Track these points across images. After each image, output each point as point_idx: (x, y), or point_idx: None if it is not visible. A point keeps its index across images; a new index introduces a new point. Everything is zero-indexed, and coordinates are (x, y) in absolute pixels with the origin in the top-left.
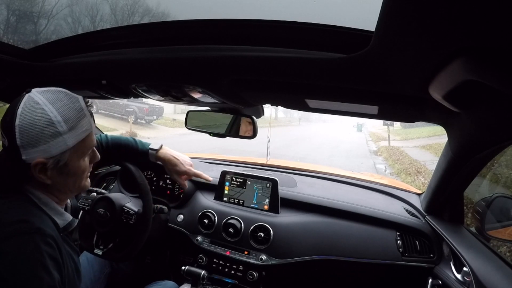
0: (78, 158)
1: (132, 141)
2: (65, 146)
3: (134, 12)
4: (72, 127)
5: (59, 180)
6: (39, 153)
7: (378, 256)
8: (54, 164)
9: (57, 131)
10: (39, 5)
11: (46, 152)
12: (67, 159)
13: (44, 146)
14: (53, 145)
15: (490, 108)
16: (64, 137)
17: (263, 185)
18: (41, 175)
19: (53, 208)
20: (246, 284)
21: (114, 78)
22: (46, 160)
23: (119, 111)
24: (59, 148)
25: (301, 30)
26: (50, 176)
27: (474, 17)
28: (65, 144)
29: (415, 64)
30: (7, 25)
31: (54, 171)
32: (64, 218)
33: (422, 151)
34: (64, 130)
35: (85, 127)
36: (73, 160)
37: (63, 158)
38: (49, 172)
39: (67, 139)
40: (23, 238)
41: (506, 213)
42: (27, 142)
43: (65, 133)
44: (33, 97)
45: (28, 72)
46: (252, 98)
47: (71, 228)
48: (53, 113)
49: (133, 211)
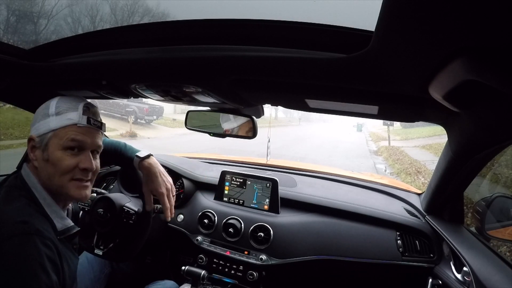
0: (58, 146)
1: (122, 146)
2: (48, 127)
3: (134, 12)
4: (59, 112)
5: (43, 165)
6: (33, 131)
7: (378, 256)
8: (39, 143)
9: (47, 112)
10: (39, 5)
11: (36, 129)
12: (48, 142)
13: (36, 125)
14: (41, 124)
15: (490, 108)
16: (50, 118)
17: (263, 185)
18: (32, 153)
19: (55, 210)
20: (246, 284)
21: (114, 78)
22: (35, 137)
23: (119, 111)
24: (44, 127)
25: (301, 30)
26: (37, 156)
27: (474, 17)
28: (49, 125)
29: (415, 64)
30: (7, 25)
31: (39, 152)
32: (64, 222)
33: (422, 151)
34: (52, 113)
35: (70, 117)
36: (53, 146)
37: (45, 139)
38: (36, 151)
39: (51, 120)
40: (23, 239)
41: (506, 213)
42: (32, 122)
43: (52, 115)
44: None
45: (28, 72)
46: (252, 98)
47: (69, 234)
48: (54, 101)
49: (133, 211)
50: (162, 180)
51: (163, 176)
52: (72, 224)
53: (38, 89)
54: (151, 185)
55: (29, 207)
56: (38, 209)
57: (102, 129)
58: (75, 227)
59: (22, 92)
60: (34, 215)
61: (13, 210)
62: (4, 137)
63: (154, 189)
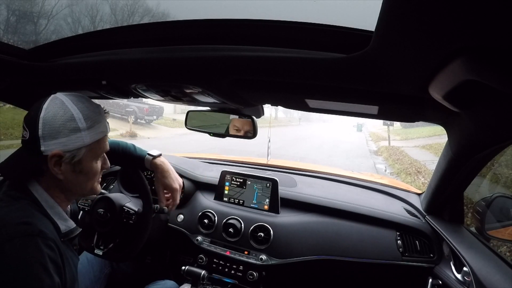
0: (92, 158)
1: (130, 146)
2: (82, 142)
3: (134, 12)
4: (91, 126)
5: (71, 177)
6: (58, 145)
7: (378, 256)
8: (70, 158)
9: (77, 126)
10: (39, 5)
11: (64, 145)
12: (82, 157)
13: (63, 139)
14: (71, 139)
15: (490, 108)
16: (83, 133)
17: (263, 185)
18: (56, 168)
19: (57, 212)
20: (246, 284)
21: (114, 78)
22: (63, 153)
23: (119, 111)
24: (76, 143)
25: (301, 30)
26: (64, 171)
27: (474, 17)
28: (82, 141)
29: (415, 64)
30: (7, 25)
31: (68, 166)
32: (67, 224)
33: (422, 151)
34: (83, 127)
35: (102, 129)
36: (87, 159)
37: (78, 154)
38: (63, 166)
39: (84, 136)
40: (26, 240)
41: (506, 213)
42: (48, 133)
43: (84, 130)
44: (58, 97)
45: (28, 72)
46: (252, 98)
47: (73, 235)
48: (75, 111)
49: (133, 211)
50: (175, 176)
51: (174, 173)
52: (75, 225)
53: (38, 89)
54: (165, 182)
55: (31, 207)
56: (40, 210)
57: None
58: (77, 229)
59: (22, 92)
60: (37, 216)
61: (15, 210)
62: (4, 137)
63: (168, 185)
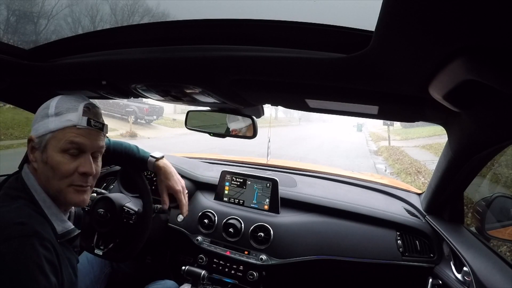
0: (56, 148)
1: (134, 148)
2: (47, 128)
3: (134, 12)
4: (59, 113)
5: (42, 168)
6: (33, 131)
7: (378, 256)
8: (38, 144)
9: (46, 113)
10: (39, 5)
11: (36, 130)
12: (47, 143)
13: (36, 125)
14: (40, 125)
15: (490, 108)
16: (50, 119)
17: (263, 185)
18: (31, 154)
19: (55, 213)
20: (246, 284)
21: (114, 78)
22: (34, 138)
23: (119, 111)
24: (43, 128)
25: (301, 30)
26: (36, 158)
27: (474, 17)
28: (47, 126)
29: (415, 63)
30: (7, 25)
31: (38, 153)
32: (64, 225)
33: (422, 151)
34: (51, 113)
35: (69, 117)
36: (52, 148)
37: (44, 139)
38: (36, 153)
39: (50, 121)
40: (22, 241)
41: (506, 213)
42: (33, 121)
43: (52, 116)
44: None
45: (28, 72)
46: (252, 98)
47: (70, 237)
48: (54, 101)
49: (133, 211)
50: (177, 178)
51: (177, 174)
52: (73, 227)
53: (38, 89)
54: (167, 183)
55: (27, 208)
56: (37, 210)
57: (103, 130)
58: (75, 230)
59: (22, 92)
60: (33, 216)
61: (11, 211)
62: (4, 137)
63: (171, 187)
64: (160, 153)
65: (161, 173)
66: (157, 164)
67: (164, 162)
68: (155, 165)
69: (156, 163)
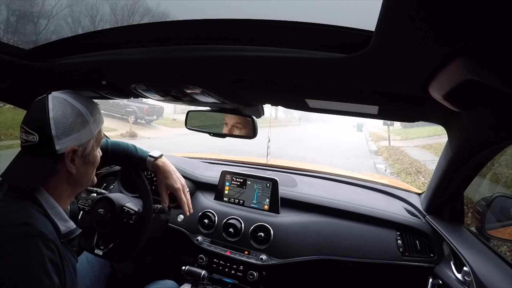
0: (95, 147)
1: (132, 147)
2: (91, 134)
3: (134, 12)
4: (94, 117)
5: (82, 169)
6: (72, 141)
7: (378, 256)
8: (82, 151)
9: (86, 120)
10: (39, 5)
11: (77, 140)
12: (90, 147)
13: (76, 135)
14: (83, 133)
15: (490, 108)
16: (91, 126)
17: (263, 185)
18: (71, 163)
19: (58, 212)
20: (247, 284)
21: (114, 78)
22: (77, 147)
23: (119, 111)
24: (87, 135)
25: (301, 30)
26: (77, 164)
27: (475, 17)
28: (91, 132)
29: (415, 63)
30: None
31: (80, 160)
32: (67, 225)
33: (422, 151)
34: (90, 120)
35: (101, 118)
36: (93, 149)
37: (88, 146)
38: (76, 160)
39: (92, 128)
40: (26, 241)
41: (506, 213)
42: (62, 132)
43: (91, 123)
44: (57, 96)
45: (28, 72)
46: (252, 98)
47: (73, 236)
48: (80, 106)
49: (133, 211)
50: (177, 176)
51: (176, 173)
52: (75, 226)
53: (38, 89)
54: (167, 182)
55: (31, 208)
56: (40, 210)
57: None
58: (77, 229)
59: (22, 92)
60: (37, 217)
61: (15, 211)
62: (4, 137)
63: (170, 185)
64: (158, 152)
65: (160, 172)
66: (156, 163)
67: (162, 161)
68: (153, 164)
69: (155, 162)
